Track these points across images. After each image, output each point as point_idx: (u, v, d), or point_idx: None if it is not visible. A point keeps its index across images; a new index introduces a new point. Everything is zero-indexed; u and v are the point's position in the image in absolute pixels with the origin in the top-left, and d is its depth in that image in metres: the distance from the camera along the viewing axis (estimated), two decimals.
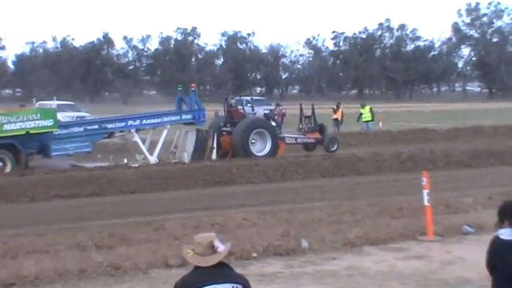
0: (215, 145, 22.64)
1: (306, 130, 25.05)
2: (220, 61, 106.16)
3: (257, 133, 23.04)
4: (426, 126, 35.40)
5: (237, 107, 24.86)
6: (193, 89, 25.17)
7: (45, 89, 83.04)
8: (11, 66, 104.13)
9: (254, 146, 22.88)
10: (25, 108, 24.11)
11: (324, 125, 25.59)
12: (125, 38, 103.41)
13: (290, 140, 24.40)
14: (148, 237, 11.22)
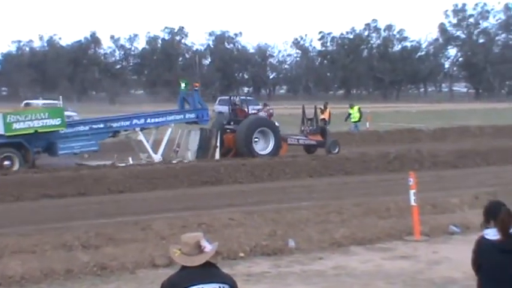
0: (218, 144, 22.67)
1: (308, 132, 24.98)
2: (207, 61, 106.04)
3: (260, 132, 23.09)
4: (413, 127, 35.48)
5: (242, 105, 25.03)
6: (197, 89, 25.12)
7: (31, 88, 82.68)
8: None
9: (257, 144, 22.92)
10: (30, 107, 24.06)
11: (325, 128, 25.68)
12: (112, 37, 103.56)
13: (292, 140, 24.36)
14: (135, 237, 11.17)
